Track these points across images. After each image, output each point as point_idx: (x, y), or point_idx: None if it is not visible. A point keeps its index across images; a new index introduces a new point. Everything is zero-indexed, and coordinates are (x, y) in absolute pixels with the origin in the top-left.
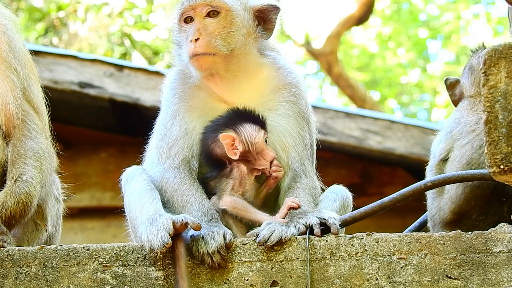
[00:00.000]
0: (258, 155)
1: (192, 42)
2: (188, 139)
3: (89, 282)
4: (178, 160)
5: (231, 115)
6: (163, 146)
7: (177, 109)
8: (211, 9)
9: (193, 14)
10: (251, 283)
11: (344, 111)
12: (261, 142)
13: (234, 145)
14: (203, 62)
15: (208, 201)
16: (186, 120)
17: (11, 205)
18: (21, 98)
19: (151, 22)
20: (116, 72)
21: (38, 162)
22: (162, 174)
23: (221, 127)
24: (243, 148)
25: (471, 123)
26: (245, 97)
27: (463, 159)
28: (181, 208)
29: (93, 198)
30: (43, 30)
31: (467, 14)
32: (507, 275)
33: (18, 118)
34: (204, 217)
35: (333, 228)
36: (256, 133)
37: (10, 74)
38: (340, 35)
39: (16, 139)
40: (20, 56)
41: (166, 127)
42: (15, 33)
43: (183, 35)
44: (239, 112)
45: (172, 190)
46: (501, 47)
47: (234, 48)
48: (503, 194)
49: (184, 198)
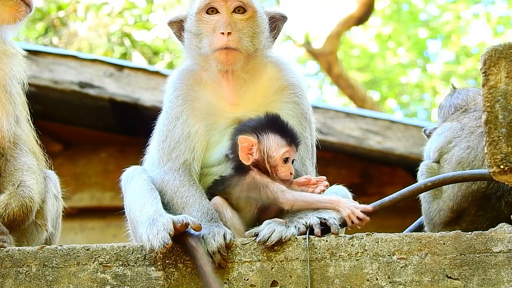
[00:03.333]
0: (272, 169)
1: (224, 35)
2: (190, 142)
3: (89, 282)
4: (178, 163)
5: (263, 120)
6: (164, 148)
7: (181, 111)
8: (240, 5)
9: (221, 6)
10: (251, 283)
11: (344, 111)
12: (278, 158)
13: (251, 151)
14: (231, 56)
15: (208, 202)
16: (189, 123)
17: (14, 207)
18: (14, 125)
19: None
20: (116, 72)
21: (34, 175)
22: (162, 176)
23: (247, 129)
24: (258, 157)
25: (456, 129)
26: (249, 98)
27: (453, 159)
28: (181, 210)
29: (93, 198)
30: (43, 30)
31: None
32: (507, 275)
33: (10, 142)
34: (204, 217)
35: (333, 228)
36: (278, 147)
37: (7, 103)
38: (340, 35)
39: (10, 155)
40: (18, 90)
41: (168, 129)
42: (20, 67)
43: (207, 26)
44: (272, 121)
45: (172, 192)
46: (501, 47)
47: (256, 49)
48: (498, 189)
49: (184, 199)
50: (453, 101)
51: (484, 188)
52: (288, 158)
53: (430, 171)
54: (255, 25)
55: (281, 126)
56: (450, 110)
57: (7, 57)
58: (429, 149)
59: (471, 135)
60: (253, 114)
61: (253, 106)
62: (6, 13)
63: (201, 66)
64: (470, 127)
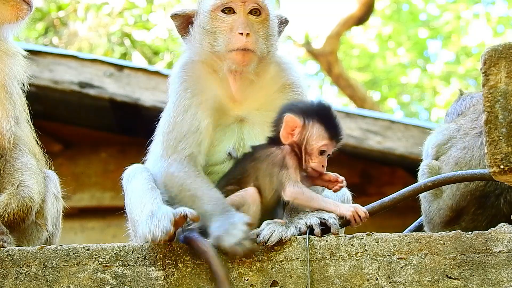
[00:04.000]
0: (306, 155)
1: (243, 36)
2: (198, 135)
3: (89, 282)
4: (184, 155)
5: (315, 106)
6: (170, 139)
7: (189, 104)
8: (257, 7)
9: (239, 7)
10: (251, 283)
11: (344, 111)
12: (315, 148)
13: (293, 132)
14: (247, 58)
15: (216, 191)
16: (198, 116)
17: (15, 207)
18: (14, 125)
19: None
20: (116, 72)
21: (34, 175)
22: (167, 169)
23: (296, 110)
24: (298, 139)
25: (453, 129)
26: (253, 97)
27: (450, 160)
28: (190, 203)
29: (93, 198)
30: (43, 30)
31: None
32: (507, 275)
33: (10, 142)
34: (215, 209)
35: (333, 228)
36: (319, 138)
37: (7, 103)
38: (340, 35)
39: (10, 156)
40: (18, 91)
41: (175, 121)
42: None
43: (223, 25)
44: (323, 110)
45: (178, 185)
46: (501, 47)
47: (269, 52)
48: (497, 187)
49: (192, 192)
50: (458, 108)
51: (483, 187)
52: (325, 152)
53: (431, 171)
54: (269, 28)
55: (329, 118)
56: (454, 117)
57: (8, 56)
58: (427, 146)
59: (466, 136)
60: (256, 112)
61: (256, 105)
62: (7, 12)
63: (210, 63)
64: (465, 128)
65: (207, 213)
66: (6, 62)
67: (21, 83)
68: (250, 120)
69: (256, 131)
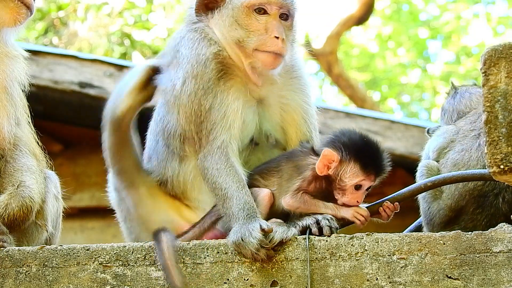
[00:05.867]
0: (339, 190)
1: (279, 40)
2: (226, 121)
3: (89, 282)
4: (216, 146)
5: (356, 141)
6: (200, 130)
7: (218, 90)
8: (287, 13)
9: (273, 10)
10: (251, 283)
11: (344, 111)
12: (349, 185)
13: (330, 165)
14: (277, 62)
15: (246, 193)
16: (227, 101)
17: (15, 207)
18: (15, 127)
19: (151, 22)
20: (116, 72)
21: (34, 175)
22: (202, 163)
23: (336, 143)
24: (333, 174)
25: (452, 132)
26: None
27: (448, 162)
28: (222, 202)
29: (93, 198)
30: (43, 30)
31: (467, 14)
32: (507, 275)
33: (10, 143)
34: (241, 213)
35: (325, 230)
36: (353, 175)
37: (8, 105)
38: (340, 35)
39: (10, 157)
40: (19, 93)
41: (204, 108)
42: (21, 70)
43: (256, 24)
44: (363, 146)
45: (211, 183)
46: (501, 47)
47: (290, 59)
48: (495, 186)
49: (223, 192)
50: (456, 106)
51: (481, 186)
52: (362, 186)
53: (429, 172)
54: (294, 34)
55: (369, 154)
56: (453, 116)
57: (9, 59)
58: (428, 149)
59: (465, 139)
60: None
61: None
62: (7, 16)
63: (234, 52)
64: (464, 130)
65: (233, 216)
66: (7, 64)
67: (22, 84)
68: (267, 103)
69: (272, 113)
